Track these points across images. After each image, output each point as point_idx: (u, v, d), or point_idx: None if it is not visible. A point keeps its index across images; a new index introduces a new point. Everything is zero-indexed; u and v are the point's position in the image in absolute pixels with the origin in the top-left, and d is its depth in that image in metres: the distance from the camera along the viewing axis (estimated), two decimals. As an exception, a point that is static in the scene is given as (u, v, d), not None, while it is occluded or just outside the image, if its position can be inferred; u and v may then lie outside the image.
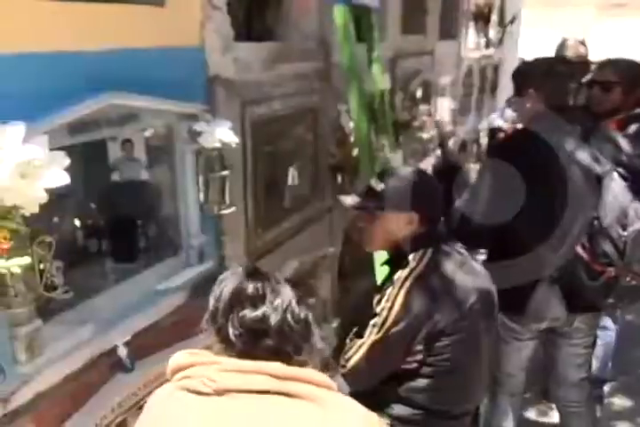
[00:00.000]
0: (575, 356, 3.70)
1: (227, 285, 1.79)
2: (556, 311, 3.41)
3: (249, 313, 1.71)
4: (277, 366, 1.65)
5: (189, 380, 1.68)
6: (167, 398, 1.74)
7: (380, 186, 2.64)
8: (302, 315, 1.74)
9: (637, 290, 3.23)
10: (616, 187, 3.13)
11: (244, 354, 1.70)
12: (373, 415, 1.79)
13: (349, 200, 2.79)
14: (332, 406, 1.64)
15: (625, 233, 3.05)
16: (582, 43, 5.62)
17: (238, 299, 1.74)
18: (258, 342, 1.69)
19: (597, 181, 3.22)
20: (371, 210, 2.67)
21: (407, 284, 2.49)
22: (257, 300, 1.72)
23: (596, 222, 3.16)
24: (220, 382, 1.62)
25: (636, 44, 15.89)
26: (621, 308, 3.62)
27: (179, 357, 1.79)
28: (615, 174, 3.17)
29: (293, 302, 1.74)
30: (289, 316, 1.71)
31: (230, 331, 1.71)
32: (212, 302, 1.80)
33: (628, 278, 3.12)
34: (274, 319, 1.69)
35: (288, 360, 1.70)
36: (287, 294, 1.75)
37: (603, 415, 4.58)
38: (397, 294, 2.48)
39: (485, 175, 3.47)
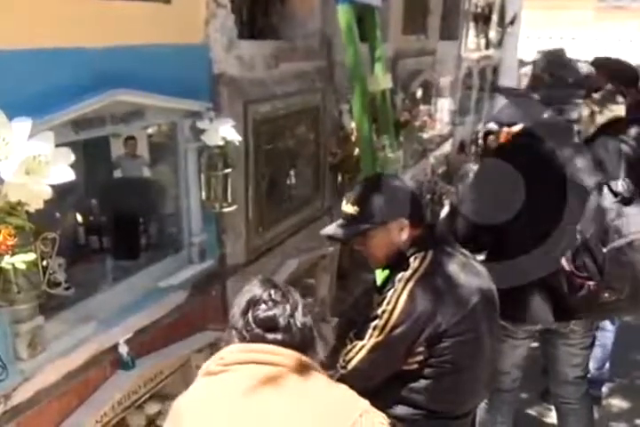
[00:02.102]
0: (572, 356, 3.72)
1: (246, 293, 2.04)
2: (545, 318, 3.44)
3: (262, 313, 1.95)
4: (267, 346, 1.91)
5: (209, 365, 1.96)
6: (192, 388, 1.98)
7: (354, 209, 2.61)
8: (307, 321, 1.99)
9: (616, 306, 3.22)
10: (602, 201, 3.11)
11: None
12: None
13: (331, 231, 2.73)
14: (314, 376, 1.92)
15: (604, 250, 3.03)
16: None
17: (254, 302, 1.98)
18: (267, 335, 1.93)
19: (587, 194, 3.19)
20: (359, 236, 2.65)
21: (409, 285, 2.47)
22: (270, 303, 1.97)
23: (578, 236, 3.14)
24: (227, 358, 1.91)
25: (634, 45, 15.93)
26: (599, 320, 3.59)
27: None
28: (605, 189, 3.14)
29: (300, 309, 1.99)
30: (297, 320, 1.96)
31: (244, 327, 1.95)
32: (234, 308, 2.04)
33: (606, 294, 3.10)
34: (283, 320, 1.94)
35: None
36: (296, 301, 2.00)
37: (601, 416, 4.60)
38: (399, 296, 2.46)
39: (481, 176, 3.50)
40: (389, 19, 6.14)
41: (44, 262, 2.23)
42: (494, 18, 10.90)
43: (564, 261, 3.17)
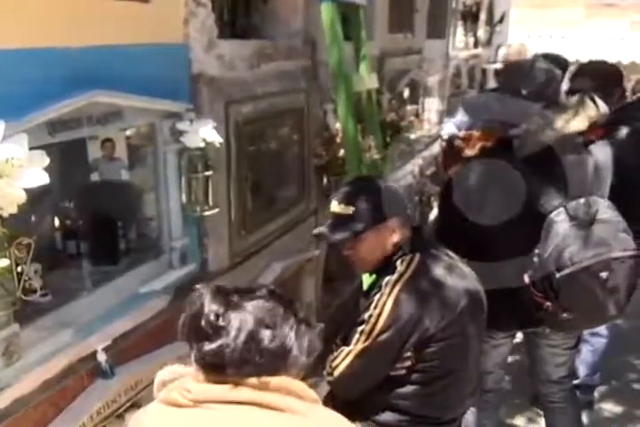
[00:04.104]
0: (555, 356, 3.71)
1: (192, 307, 1.63)
2: (509, 327, 3.48)
3: (207, 346, 1.56)
4: (256, 380, 1.55)
5: (170, 392, 1.59)
6: (148, 412, 1.65)
7: (349, 209, 2.52)
8: (268, 341, 1.58)
9: (576, 322, 3.21)
10: (558, 227, 3.06)
11: None
12: None
13: (324, 232, 2.59)
14: (313, 419, 1.56)
15: (558, 275, 3.00)
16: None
17: (198, 325, 1.59)
18: (224, 370, 1.56)
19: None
20: (352, 239, 2.53)
21: (396, 289, 2.41)
22: (216, 328, 1.57)
23: (536, 259, 3.11)
24: (196, 392, 1.55)
25: (624, 44, 15.96)
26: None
27: (163, 373, 1.69)
28: (562, 213, 3.09)
29: (258, 328, 1.58)
30: (252, 344, 1.56)
31: (196, 358, 1.59)
32: (181, 319, 1.65)
33: (564, 314, 3.08)
34: (231, 351, 1.55)
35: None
36: (250, 319, 1.59)
37: (593, 421, 4.57)
38: (386, 300, 2.41)
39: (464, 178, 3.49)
40: (375, 17, 6.13)
41: (19, 268, 2.19)
42: (482, 16, 10.91)
43: (526, 278, 3.15)
